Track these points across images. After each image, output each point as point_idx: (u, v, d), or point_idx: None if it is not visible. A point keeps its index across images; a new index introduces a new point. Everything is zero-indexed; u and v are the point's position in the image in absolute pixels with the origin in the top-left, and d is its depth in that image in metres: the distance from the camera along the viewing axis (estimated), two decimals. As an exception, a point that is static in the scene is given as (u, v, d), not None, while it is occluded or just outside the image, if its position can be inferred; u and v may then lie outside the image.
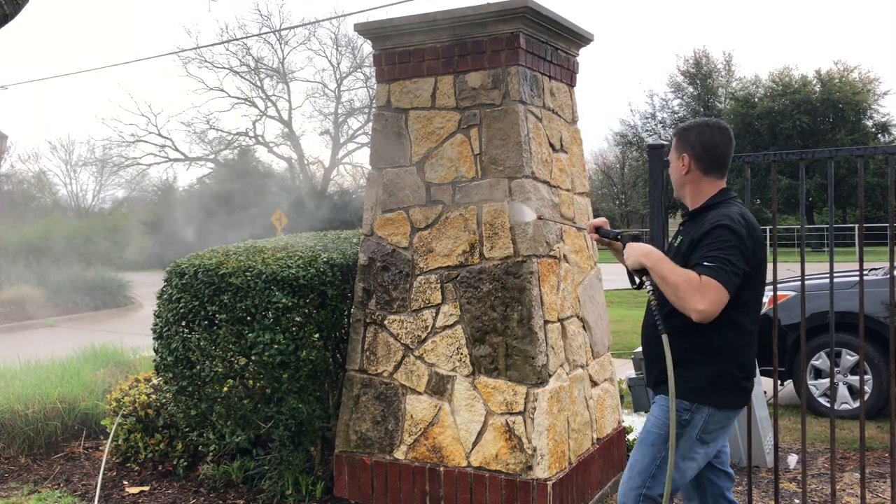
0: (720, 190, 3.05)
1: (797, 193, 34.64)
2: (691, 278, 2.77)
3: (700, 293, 2.73)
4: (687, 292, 2.75)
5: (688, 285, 2.76)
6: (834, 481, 3.92)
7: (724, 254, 2.77)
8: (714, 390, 2.93)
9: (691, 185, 3.06)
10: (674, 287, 2.79)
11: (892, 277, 3.69)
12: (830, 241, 3.86)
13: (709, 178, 3.04)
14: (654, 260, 2.90)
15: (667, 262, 2.89)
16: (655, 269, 2.88)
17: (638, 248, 2.98)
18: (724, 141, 3.04)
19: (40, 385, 6.09)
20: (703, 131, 3.03)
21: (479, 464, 4.21)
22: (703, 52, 46.58)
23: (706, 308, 2.73)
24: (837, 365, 6.59)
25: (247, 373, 4.45)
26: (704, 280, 2.74)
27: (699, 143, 3.02)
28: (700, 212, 3.02)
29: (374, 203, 4.61)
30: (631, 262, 2.99)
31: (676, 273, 2.81)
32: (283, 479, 4.70)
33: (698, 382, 2.92)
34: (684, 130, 3.09)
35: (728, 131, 3.06)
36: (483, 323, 4.22)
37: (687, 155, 3.04)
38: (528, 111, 4.29)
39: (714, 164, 3.03)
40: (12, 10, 4.49)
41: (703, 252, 2.81)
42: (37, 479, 5.31)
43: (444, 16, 4.29)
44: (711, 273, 2.74)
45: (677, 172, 3.09)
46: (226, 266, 4.39)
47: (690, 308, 2.76)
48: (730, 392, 2.96)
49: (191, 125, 41.05)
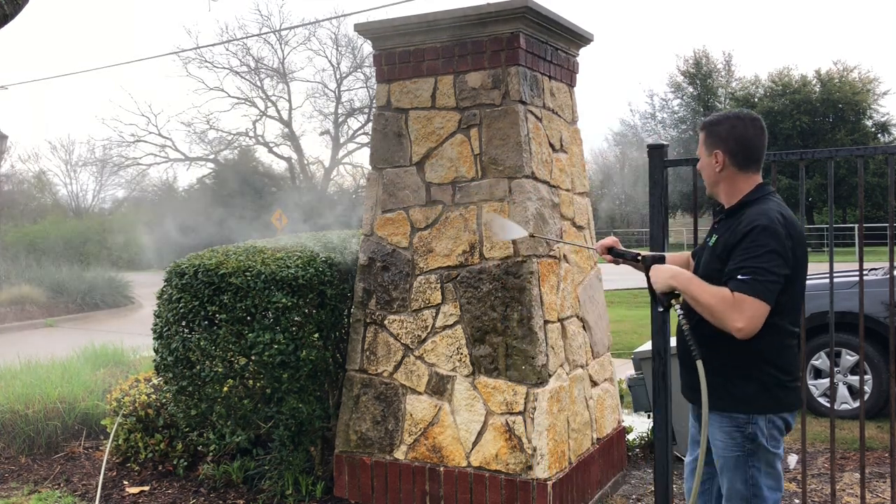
0: (757, 185, 2.88)
1: (797, 193, 34.60)
2: (725, 297, 2.65)
3: (737, 311, 2.62)
4: (723, 312, 2.65)
5: (722, 305, 2.65)
6: (834, 481, 3.92)
7: (761, 262, 2.64)
8: (764, 397, 2.80)
9: (726, 182, 2.90)
10: (708, 308, 2.69)
11: (892, 277, 3.69)
12: (830, 241, 3.86)
13: (745, 173, 2.87)
14: (683, 282, 2.78)
15: (696, 282, 2.77)
16: (686, 290, 2.76)
17: (665, 270, 2.86)
18: (758, 133, 2.86)
19: (40, 385, 6.09)
20: (736, 125, 2.85)
21: (479, 464, 4.21)
22: (702, 52, 46.57)
23: (745, 325, 2.62)
24: (837, 365, 6.59)
25: (247, 373, 4.45)
26: (738, 297, 2.63)
27: (732, 137, 2.84)
28: (736, 209, 2.86)
29: (374, 203, 4.61)
30: (659, 285, 2.85)
31: (709, 293, 2.70)
32: (283, 479, 4.70)
33: (746, 392, 2.80)
34: (714, 125, 2.90)
35: (761, 122, 2.89)
36: (483, 323, 4.22)
37: (720, 151, 2.86)
38: (528, 111, 4.29)
39: (750, 158, 2.85)
40: (12, 10, 4.50)
41: (739, 261, 2.68)
42: (37, 479, 5.31)
43: (444, 16, 4.29)
44: (746, 288, 2.62)
45: (710, 170, 2.91)
46: (225, 266, 4.39)
47: (730, 327, 2.65)
48: (779, 397, 2.82)
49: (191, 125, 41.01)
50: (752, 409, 2.79)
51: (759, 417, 2.80)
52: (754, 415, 2.80)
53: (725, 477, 2.88)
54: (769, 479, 2.84)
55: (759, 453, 2.81)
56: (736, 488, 2.84)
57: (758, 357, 2.78)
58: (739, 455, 2.82)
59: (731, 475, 2.85)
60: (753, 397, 2.79)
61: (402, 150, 4.51)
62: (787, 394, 2.84)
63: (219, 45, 32.05)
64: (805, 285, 2.88)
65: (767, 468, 2.83)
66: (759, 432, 2.80)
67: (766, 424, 2.80)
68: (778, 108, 38.14)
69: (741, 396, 2.80)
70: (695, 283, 2.76)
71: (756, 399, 2.79)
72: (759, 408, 2.80)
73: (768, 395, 2.79)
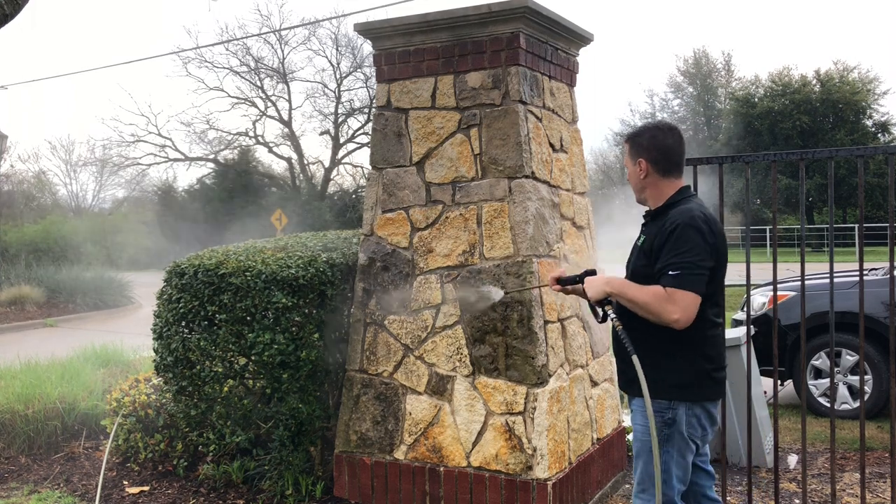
0: (679, 189, 3.11)
1: (797, 193, 34.64)
2: (658, 293, 2.85)
3: (671, 303, 2.82)
4: (659, 307, 2.84)
5: (657, 300, 2.84)
6: (834, 481, 3.92)
7: (687, 257, 2.84)
8: (688, 386, 2.98)
9: (651, 187, 3.12)
10: (645, 306, 2.88)
11: (892, 277, 3.69)
12: (830, 241, 3.86)
13: (667, 179, 3.10)
14: (617, 287, 2.99)
15: (630, 285, 2.97)
16: (621, 293, 2.96)
17: (597, 279, 3.07)
18: (677, 141, 3.10)
19: (40, 385, 6.09)
20: (656, 135, 3.10)
21: (479, 464, 4.21)
22: (702, 52, 46.63)
23: (681, 316, 2.82)
24: (837, 365, 6.59)
25: (247, 373, 4.45)
26: (670, 291, 2.83)
27: (654, 146, 3.08)
28: (661, 211, 3.08)
29: (374, 203, 4.61)
30: (593, 293, 3.04)
31: (643, 291, 2.89)
32: (283, 479, 4.70)
33: (672, 380, 2.97)
34: (636, 136, 3.15)
35: (678, 131, 3.13)
36: (483, 323, 4.22)
37: (643, 160, 3.10)
38: (528, 111, 4.29)
39: (671, 164, 3.09)
40: (12, 9, 4.50)
41: (668, 258, 2.87)
42: (37, 479, 5.31)
43: (443, 16, 4.29)
44: (676, 283, 2.82)
45: (636, 178, 3.15)
46: (225, 266, 4.39)
47: (666, 320, 2.84)
48: (704, 386, 3.01)
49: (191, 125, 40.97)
50: (673, 396, 2.97)
51: (679, 405, 2.97)
52: (675, 401, 2.97)
53: (641, 460, 3.06)
54: (679, 469, 3.01)
55: (675, 439, 2.98)
56: (648, 472, 3.01)
57: (684, 346, 2.95)
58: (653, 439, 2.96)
59: (646, 458, 3.02)
60: (676, 385, 2.96)
61: (402, 150, 4.51)
62: (710, 384, 3.01)
63: (219, 44, 32.05)
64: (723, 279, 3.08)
65: (679, 457, 3.00)
66: (678, 419, 2.96)
67: (686, 412, 2.98)
68: (778, 108, 38.13)
69: (667, 385, 2.96)
70: (629, 285, 2.97)
71: (678, 387, 2.96)
72: (680, 395, 2.96)
73: (691, 383, 2.97)
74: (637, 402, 3.09)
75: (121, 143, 34.76)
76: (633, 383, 2.99)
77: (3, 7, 4.40)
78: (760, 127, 38.22)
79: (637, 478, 3.11)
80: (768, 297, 7.11)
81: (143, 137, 34.30)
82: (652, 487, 2.99)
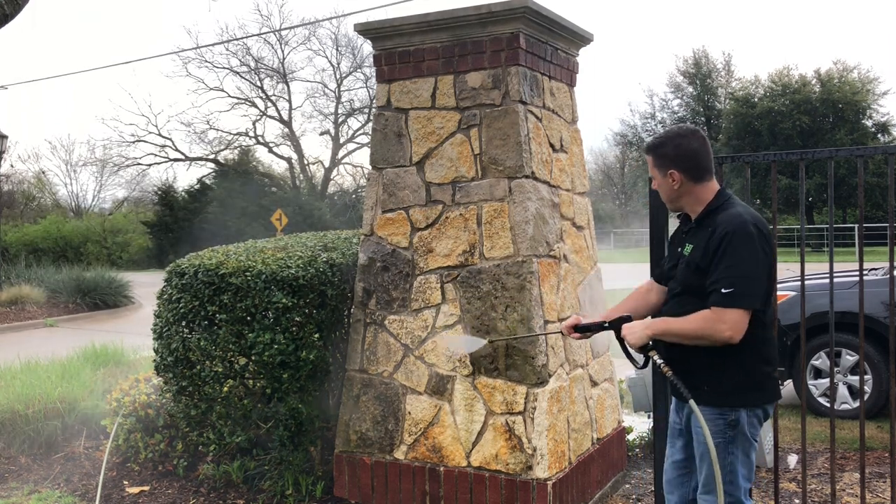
0: (717, 192, 3.02)
1: (797, 193, 34.65)
2: (706, 317, 2.80)
3: (721, 323, 2.77)
4: (710, 330, 2.79)
5: (706, 324, 2.80)
6: (834, 481, 3.92)
7: (740, 270, 2.77)
8: (748, 390, 2.92)
9: (687, 196, 3.03)
10: (694, 334, 2.84)
11: (892, 277, 3.69)
12: (830, 241, 3.86)
13: (702, 184, 3.00)
14: (660, 329, 2.93)
15: (672, 321, 2.92)
16: (666, 332, 2.91)
17: (637, 325, 3.00)
18: (702, 144, 3.00)
19: (40, 385, 6.09)
20: (680, 143, 2.98)
21: (479, 464, 4.21)
22: (702, 52, 46.62)
23: (734, 334, 2.77)
24: (837, 365, 6.59)
25: (247, 373, 4.45)
26: (719, 311, 2.77)
27: (681, 155, 2.98)
28: (704, 217, 2.99)
29: (374, 203, 4.61)
30: (634, 341, 2.97)
31: (689, 322, 2.85)
32: (283, 479, 4.70)
33: (730, 386, 2.91)
34: (659, 147, 3.03)
35: (701, 133, 3.03)
36: (483, 323, 4.22)
37: (675, 171, 2.99)
38: (528, 111, 4.29)
39: (702, 169, 2.99)
40: (12, 9, 4.50)
41: (720, 272, 2.80)
42: (37, 479, 5.31)
43: (444, 16, 4.29)
44: (728, 301, 2.76)
45: (669, 189, 3.04)
46: (226, 266, 4.39)
47: (720, 341, 2.79)
48: (763, 388, 2.96)
49: (191, 125, 41.02)
50: (735, 403, 2.92)
51: (742, 409, 2.93)
52: (738, 406, 2.93)
53: (705, 463, 2.99)
54: (744, 467, 2.99)
55: (739, 441, 2.95)
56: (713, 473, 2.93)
57: (742, 351, 2.89)
58: (720, 442, 2.93)
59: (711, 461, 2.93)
60: (735, 391, 2.92)
61: (402, 150, 4.51)
62: (771, 385, 2.98)
63: (219, 44, 32.06)
64: (776, 276, 3.04)
65: (744, 457, 2.98)
66: (742, 420, 2.93)
67: (748, 413, 2.94)
68: (778, 108, 38.13)
69: (726, 391, 2.92)
70: (671, 322, 2.94)
71: (740, 392, 2.92)
72: (742, 400, 2.92)
73: (751, 388, 2.93)
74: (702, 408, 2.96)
75: (121, 143, 34.80)
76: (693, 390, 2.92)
77: (3, 7, 4.40)
78: (760, 127, 38.22)
79: (702, 479, 3.03)
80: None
81: (143, 137, 34.34)
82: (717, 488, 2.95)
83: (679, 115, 46.27)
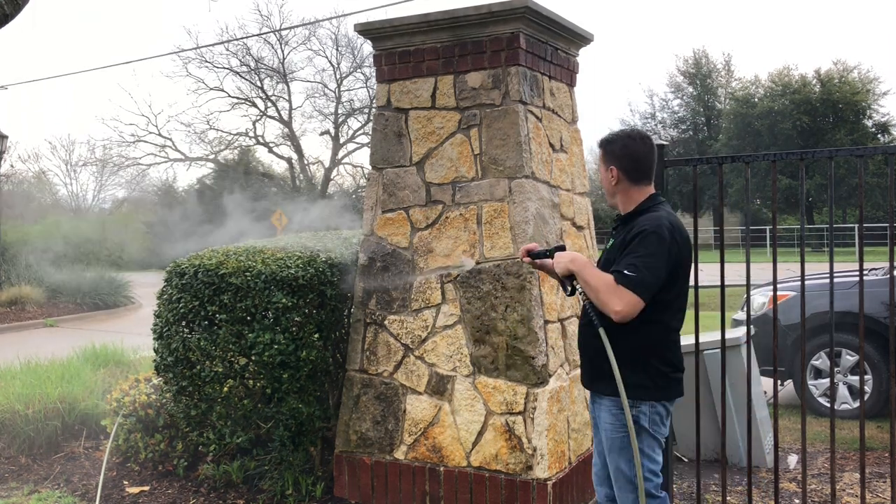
0: (649, 196, 3.19)
1: (797, 193, 34.64)
2: (609, 283, 2.97)
3: (616, 297, 2.93)
4: (606, 294, 2.96)
5: (606, 288, 2.96)
6: (834, 481, 3.91)
7: (645, 261, 2.94)
8: (648, 387, 3.07)
9: (621, 193, 3.21)
10: (595, 290, 3.00)
11: (892, 277, 3.69)
12: (830, 241, 3.86)
13: (637, 186, 3.18)
14: (579, 265, 3.10)
15: (590, 266, 3.10)
16: (581, 273, 3.07)
17: (565, 255, 3.17)
18: (648, 150, 3.17)
19: (40, 385, 6.09)
20: (627, 144, 3.17)
21: (479, 464, 4.21)
22: (702, 52, 46.66)
23: (622, 309, 2.92)
24: (837, 365, 6.59)
25: (247, 373, 4.45)
26: (619, 287, 2.95)
27: (624, 155, 3.16)
28: (630, 217, 3.17)
29: (374, 203, 4.61)
30: (560, 269, 3.14)
31: (598, 277, 3.02)
32: (283, 479, 4.70)
33: (633, 381, 3.05)
34: (609, 143, 3.22)
35: (650, 140, 3.20)
36: (483, 323, 4.22)
37: (615, 167, 3.18)
38: (528, 111, 4.29)
39: (641, 172, 3.17)
40: (12, 9, 4.50)
41: (628, 258, 2.98)
42: (37, 479, 5.31)
43: (443, 16, 4.29)
44: (626, 282, 2.93)
45: (608, 183, 3.23)
46: (226, 266, 4.39)
47: (609, 309, 2.95)
48: (662, 387, 3.10)
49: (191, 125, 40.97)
50: (637, 396, 3.07)
51: (643, 403, 3.08)
52: (638, 400, 3.08)
53: (611, 457, 3.16)
54: (651, 462, 3.12)
55: (642, 436, 3.08)
56: (620, 469, 3.11)
57: (645, 350, 3.06)
58: (624, 436, 3.07)
59: (616, 455, 3.12)
60: (640, 385, 3.07)
61: (402, 150, 4.51)
62: (670, 384, 3.13)
63: (219, 44, 32.03)
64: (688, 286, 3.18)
65: (650, 451, 3.10)
66: (643, 416, 3.08)
67: (650, 409, 3.09)
68: (778, 108, 38.15)
69: (629, 383, 3.03)
70: (589, 267, 3.09)
71: (642, 387, 3.07)
72: (644, 394, 3.07)
73: (653, 384, 3.09)
74: (606, 400, 3.16)
75: (121, 143, 34.76)
76: (599, 381, 3.14)
77: (3, 7, 4.40)
78: (760, 127, 38.24)
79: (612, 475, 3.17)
80: (768, 297, 7.11)
81: (143, 137, 34.30)
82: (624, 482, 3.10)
83: (679, 115, 46.29)
